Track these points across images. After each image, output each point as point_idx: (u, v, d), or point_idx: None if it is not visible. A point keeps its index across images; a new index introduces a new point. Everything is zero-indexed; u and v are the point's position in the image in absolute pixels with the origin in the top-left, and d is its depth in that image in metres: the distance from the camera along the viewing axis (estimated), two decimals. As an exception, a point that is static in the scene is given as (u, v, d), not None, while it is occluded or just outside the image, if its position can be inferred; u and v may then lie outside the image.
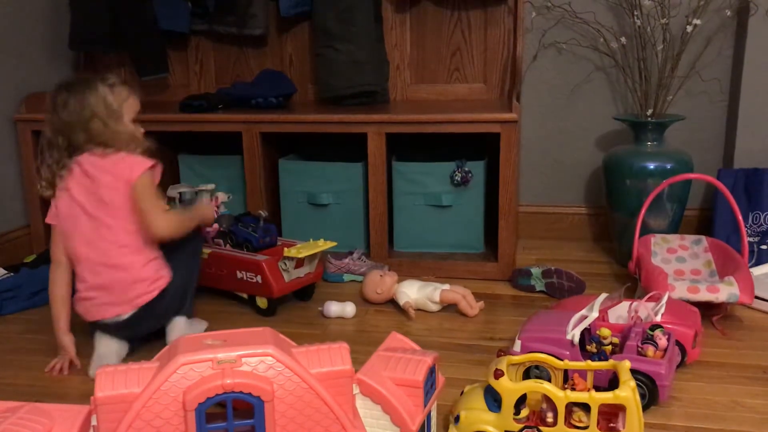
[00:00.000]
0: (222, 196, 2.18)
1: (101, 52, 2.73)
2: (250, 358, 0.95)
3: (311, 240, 2.01)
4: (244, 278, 1.95)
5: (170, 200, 2.16)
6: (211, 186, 2.18)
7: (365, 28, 2.36)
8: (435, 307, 1.95)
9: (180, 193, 2.18)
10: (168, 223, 1.67)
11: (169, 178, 2.47)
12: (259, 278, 1.92)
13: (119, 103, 1.69)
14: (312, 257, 1.98)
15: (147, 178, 1.67)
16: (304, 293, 2.05)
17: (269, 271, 1.91)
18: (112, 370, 0.98)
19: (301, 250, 1.93)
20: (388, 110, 2.32)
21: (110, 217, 1.64)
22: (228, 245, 2.09)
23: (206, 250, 2.02)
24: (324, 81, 2.43)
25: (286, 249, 1.94)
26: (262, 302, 1.96)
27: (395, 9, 2.51)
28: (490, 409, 1.24)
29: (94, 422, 0.97)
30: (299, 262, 1.95)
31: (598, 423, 1.19)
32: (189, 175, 2.49)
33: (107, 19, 2.50)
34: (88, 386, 0.99)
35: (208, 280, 2.01)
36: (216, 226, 2.12)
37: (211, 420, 0.95)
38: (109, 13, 2.49)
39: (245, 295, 2.00)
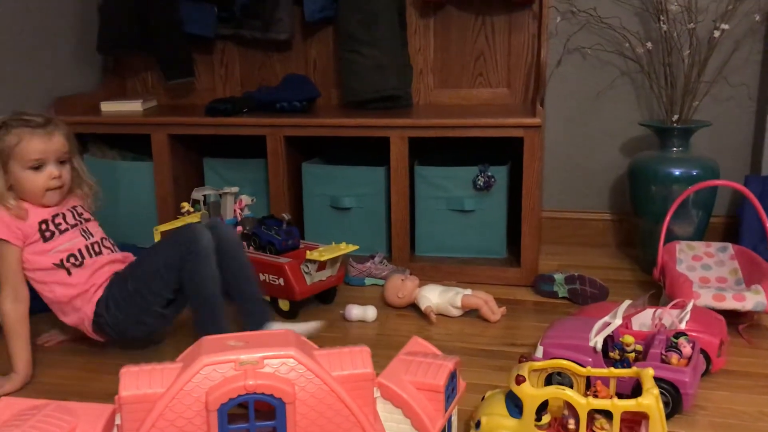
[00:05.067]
0: (246, 199, 2.20)
1: (129, 56, 2.77)
2: (272, 360, 0.96)
3: (333, 243, 2.01)
4: (267, 280, 1.96)
5: (195, 202, 2.18)
6: (235, 189, 2.20)
7: (389, 32, 2.36)
8: (456, 312, 1.94)
9: (204, 196, 2.20)
10: (1, 307, 1.61)
11: (194, 181, 2.50)
12: (281, 281, 1.93)
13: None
14: (334, 260, 1.99)
15: None
16: (326, 296, 2.06)
17: (291, 273, 1.92)
18: (136, 369, 1.00)
19: (324, 253, 1.93)
20: (411, 114, 2.32)
21: None
22: (251, 248, 2.10)
23: (229, 253, 2.04)
24: (347, 85, 2.44)
25: (308, 252, 1.94)
26: (284, 304, 1.97)
27: (419, 14, 2.52)
28: (512, 415, 1.23)
29: (117, 421, 0.98)
30: (321, 265, 1.96)
31: (620, 431, 1.18)
32: (213, 178, 2.51)
33: (135, 24, 2.54)
34: (113, 385, 1.00)
35: (231, 282, 2.02)
36: (240, 228, 2.14)
37: (233, 421, 0.95)
38: (136, 17, 2.53)
39: (268, 297, 2.01)
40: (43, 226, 1.63)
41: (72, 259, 1.66)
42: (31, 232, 1.62)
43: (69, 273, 1.65)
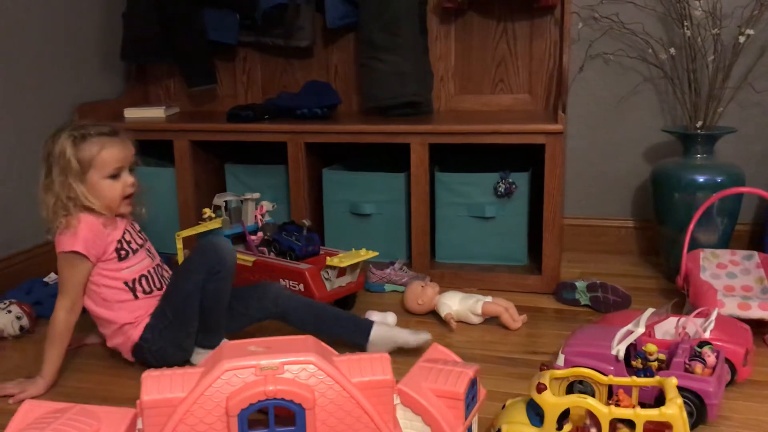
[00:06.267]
0: (266, 205, 2.20)
1: (152, 63, 2.80)
2: (292, 366, 0.96)
3: (353, 249, 2.02)
4: (287, 286, 1.96)
5: (216, 208, 2.20)
6: (256, 195, 2.21)
7: (410, 39, 2.37)
8: (477, 320, 1.93)
9: (226, 202, 2.21)
10: (55, 314, 1.62)
11: (216, 187, 2.51)
12: (301, 286, 1.93)
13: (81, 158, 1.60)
14: (354, 267, 1.99)
15: (63, 260, 1.61)
16: (346, 302, 2.06)
17: (312, 279, 1.92)
18: (158, 374, 1.00)
19: (344, 259, 1.94)
20: (432, 121, 2.32)
21: None
22: (272, 253, 2.11)
23: (250, 258, 2.05)
24: (368, 92, 2.44)
25: (328, 258, 1.95)
26: (304, 311, 1.97)
27: (440, 20, 2.52)
28: (533, 424, 1.22)
29: (139, 425, 0.99)
30: (341, 272, 1.96)
31: (643, 441, 1.17)
32: (235, 184, 2.53)
33: (158, 31, 2.57)
34: (135, 390, 1.01)
35: (252, 288, 2.03)
36: (260, 234, 2.15)
37: (253, 426, 0.96)
38: (160, 25, 2.56)
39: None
40: (118, 245, 1.65)
41: (144, 281, 1.68)
42: (109, 250, 1.64)
43: (136, 297, 1.67)
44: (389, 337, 1.72)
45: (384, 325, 1.77)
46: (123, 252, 1.66)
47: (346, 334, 1.74)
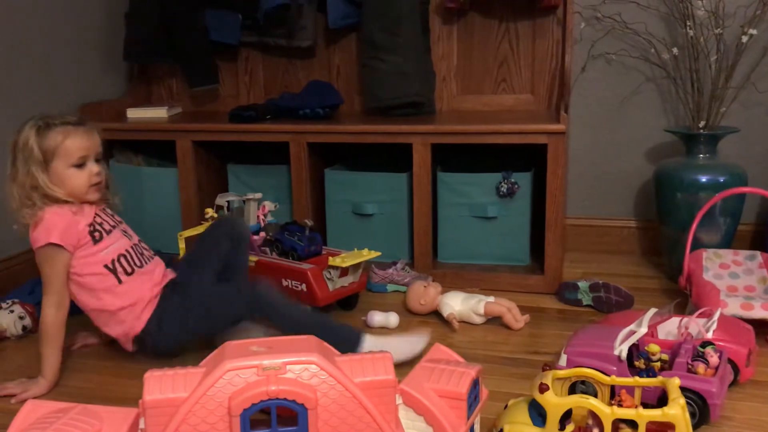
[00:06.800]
0: (269, 205, 2.21)
1: (154, 63, 2.80)
2: (294, 366, 0.96)
3: (355, 249, 2.02)
4: (290, 286, 1.97)
5: (219, 208, 2.20)
6: (258, 195, 2.21)
7: (412, 39, 2.36)
8: (479, 320, 1.93)
9: (228, 202, 2.21)
10: (44, 313, 1.61)
11: (218, 187, 2.52)
12: (304, 286, 1.93)
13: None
14: (356, 267, 1.99)
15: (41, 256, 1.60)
16: (348, 302, 2.06)
17: (314, 279, 1.92)
18: (160, 374, 1.00)
19: (346, 259, 1.94)
20: (434, 121, 2.32)
21: None
22: (274, 253, 2.11)
23: (253, 258, 2.05)
24: (370, 92, 2.44)
25: (330, 258, 1.95)
26: (306, 311, 1.98)
27: (442, 20, 2.52)
28: (535, 424, 1.22)
29: (141, 425, 0.99)
30: (343, 271, 1.96)
31: (646, 441, 1.17)
32: (237, 184, 2.53)
33: (161, 32, 2.57)
34: (137, 390, 1.01)
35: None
36: (263, 234, 2.15)
37: (255, 426, 0.96)
38: (162, 25, 2.56)
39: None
40: (90, 228, 1.64)
41: (123, 261, 1.67)
42: (82, 236, 1.63)
43: (119, 281, 1.66)
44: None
45: (379, 338, 1.70)
46: (96, 234, 1.65)
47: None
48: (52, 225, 1.58)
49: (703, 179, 2.12)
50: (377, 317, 1.93)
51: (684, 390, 1.28)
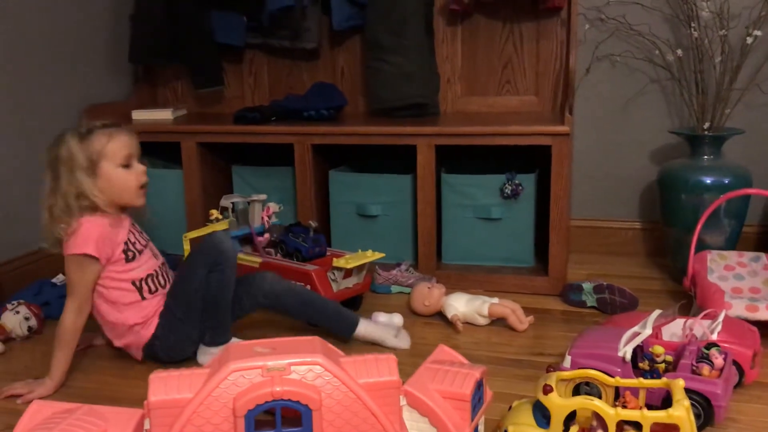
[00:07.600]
0: (273, 207, 2.21)
1: (159, 65, 2.81)
2: (299, 367, 0.97)
3: (360, 251, 2.02)
4: (294, 288, 1.97)
5: (223, 210, 2.20)
6: (262, 196, 2.22)
7: (416, 40, 2.37)
8: (483, 321, 1.93)
9: (233, 203, 2.22)
10: (64, 317, 1.62)
11: (223, 189, 2.52)
12: (308, 287, 1.94)
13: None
14: (360, 268, 1.99)
15: (72, 262, 1.61)
16: (352, 303, 2.06)
17: (318, 280, 1.93)
18: (165, 375, 1.01)
19: (350, 260, 1.94)
20: (438, 122, 2.32)
21: None
22: (278, 255, 2.11)
23: (257, 259, 2.05)
24: (374, 93, 2.45)
25: (335, 259, 1.95)
26: (310, 312, 1.98)
27: (447, 22, 2.52)
28: (539, 425, 1.22)
29: (147, 426, 0.99)
30: (348, 273, 1.96)
31: (650, 443, 1.17)
32: (242, 186, 2.53)
33: (166, 33, 2.58)
34: (142, 390, 1.01)
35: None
36: (267, 235, 2.16)
37: (260, 427, 0.96)
38: (167, 27, 2.57)
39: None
40: (125, 246, 1.66)
41: (150, 281, 1.69)
42: (117, 252, 1.64)
43: (143, 298, 1.68)
44: (372, 338, 1.80)
45: (376, 325, 1.83)
46: (130, 253, 1.67)
47: (330, 325, 1.81)
48: (89, 235, 1.59)
49: (708, 181, 2.12)
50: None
51: (688, 392, 1.28)
